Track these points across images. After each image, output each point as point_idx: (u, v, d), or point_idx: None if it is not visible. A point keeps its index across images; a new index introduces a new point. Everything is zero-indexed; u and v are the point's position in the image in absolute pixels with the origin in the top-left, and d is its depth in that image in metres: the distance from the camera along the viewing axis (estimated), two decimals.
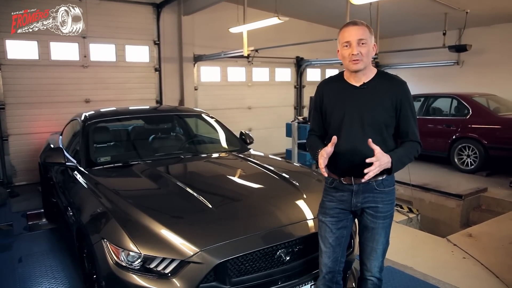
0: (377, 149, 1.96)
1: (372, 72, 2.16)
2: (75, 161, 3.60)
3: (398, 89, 2.13)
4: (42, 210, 5.33)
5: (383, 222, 2.19)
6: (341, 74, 2.24)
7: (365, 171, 1.95)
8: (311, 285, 2.49)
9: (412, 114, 2.14)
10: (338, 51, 2.15)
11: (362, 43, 2.04)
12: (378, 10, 7.23)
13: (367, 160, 1.94)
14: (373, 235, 2.21)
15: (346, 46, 2.06)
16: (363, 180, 2.02)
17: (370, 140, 1.97)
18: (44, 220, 5.29)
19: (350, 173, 2.13)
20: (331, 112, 2.20)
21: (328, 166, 2.11)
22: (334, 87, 2.23)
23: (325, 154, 2.05)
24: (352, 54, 2.04)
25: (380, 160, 1.95)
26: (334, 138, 2.05)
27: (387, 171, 2.05)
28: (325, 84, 2.30)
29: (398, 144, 2.20)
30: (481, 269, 3.62)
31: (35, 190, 6.24)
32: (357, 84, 2.14)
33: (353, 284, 2.80)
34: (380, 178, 2.13)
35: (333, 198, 2.23)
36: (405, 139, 2.16)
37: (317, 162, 2.13)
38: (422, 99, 8.14)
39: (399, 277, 3.53)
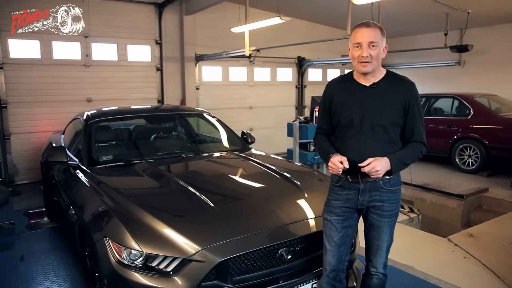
0: (369, 160, 2.04)
1: (381, 72, 2.17)
2: (77, 160, 3.61)
3: (408, 89, 2.15)
4: (44, 209, 5.34)
5: (388, 221, 2.22)
6: (350, 73, 2.26)
7: (361, 166, 2.06)
8: (312, 284, 2.49)
9: (419, 115, 2.17)
10: (349, 49, 2.17)
11: (373, 46, 2.05)
12: (379, 10, 7.22)
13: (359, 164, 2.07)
14: (379, 233, 2.24)
15: (357, 47, 2.08)
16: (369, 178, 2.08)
17: (359, 165, 2.06)
18: (45, 218, 5.32)
19: (357, 171, 2.13)
20: (340, 112, 2.21)
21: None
22: (343, 87, 2.25)
23: (339, 164, 2.09)
24: (362, 56, 2.06)
25: (375, 167, 2.02)
26: (345, 162, 2.09)
27: (387, 173, 2.08)
28: (335, 84, 2.32)
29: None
30: (482, 269, 3.62)
31: (37, 189, 6.25)
32: (367, 84, 2.16)
33: (354, 283, 2.81)
34: (387, 177, 2.14)
35: (339, 196, 2.24)
36: (410, 139, 2.18)
37: (326, 163, 2.19)
38: (423, 99, 8.13)
39: (400, 277, 3.54)
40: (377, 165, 2.02)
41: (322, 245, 2.36)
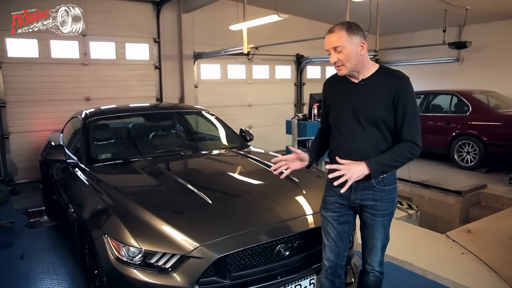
0: (342, 162, 2.01)
1: (370, 69, 2.11)
2: (76, 158, 3.62)
3: (398, 83, 2.05)
4: (43, 208, 5.36)
5: (382, 220, 2.20)
6: None
7: (330, 176, 2.07)
8: (310, 280, 2.51)
9: (411, 111, 2.03)
10: None
11: (338, 50, 2.03)
12: (378, 7, 7.23)
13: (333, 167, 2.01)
14: (372, 232, 2.23)
15: (329, 54, 2.10)
16: (342, 190, 1.99)
17: (337, 158, 2.04)
18: (45, 217, 5.32)
19: None
20: (331, 109, 2.24)
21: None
22: (336, 85, 2.26)
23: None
24: (331, 62, 2.09)
25: (348, 172, 1.96)
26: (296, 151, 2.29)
27: (367, 176, 2.01)
28: (328, 82, 2.34)
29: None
30: (480, 265, 3.64)
31: (36, 188, 6.26)
32: (356, 81, 2.15)
33: (352, 279, 2.82)
34: (381, 176, 2.13)
35: (333, 193, 2.25)
36: (399, 137, 2.07)
37: None
38: (422, 96, 8.15)
39: (398, 273, 3.55)
40: (348, 172, 1.95)
41: (319, 241, 2.38)
